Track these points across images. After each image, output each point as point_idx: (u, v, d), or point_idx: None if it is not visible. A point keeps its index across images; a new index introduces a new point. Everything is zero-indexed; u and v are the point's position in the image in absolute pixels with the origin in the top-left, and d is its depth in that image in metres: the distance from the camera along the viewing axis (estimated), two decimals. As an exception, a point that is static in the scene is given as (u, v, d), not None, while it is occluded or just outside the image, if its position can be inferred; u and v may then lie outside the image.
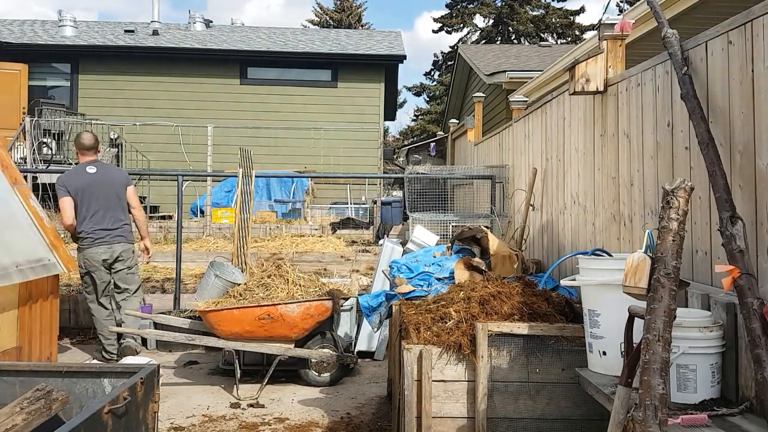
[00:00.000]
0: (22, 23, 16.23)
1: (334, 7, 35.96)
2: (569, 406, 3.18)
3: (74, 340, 6.59)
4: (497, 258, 4.14)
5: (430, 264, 4.56)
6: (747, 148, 2.43)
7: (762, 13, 2.32)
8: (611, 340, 2.74)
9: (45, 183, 11.15)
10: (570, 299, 3.53)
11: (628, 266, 2.28)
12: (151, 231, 10.18)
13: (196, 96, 13.92)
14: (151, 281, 7.40)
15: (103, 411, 2.20)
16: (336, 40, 16.08)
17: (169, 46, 14.25)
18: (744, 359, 2.34)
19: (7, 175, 4.75)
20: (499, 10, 31.81)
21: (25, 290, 4.56)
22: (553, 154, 4.91)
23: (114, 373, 2.72)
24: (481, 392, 3.16)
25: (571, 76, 3.95)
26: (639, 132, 3.36)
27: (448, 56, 33.14)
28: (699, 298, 2.61)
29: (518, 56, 14.73)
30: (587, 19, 41.27)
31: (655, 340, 2.04)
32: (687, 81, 2.67)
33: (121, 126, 13.13)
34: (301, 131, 13.49)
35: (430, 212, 7.37)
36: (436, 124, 30.18)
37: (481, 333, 3.15)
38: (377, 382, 5.31)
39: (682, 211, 2.14)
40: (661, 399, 1.97)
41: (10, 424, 2.35)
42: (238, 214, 6.49)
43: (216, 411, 4.57)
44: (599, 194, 3.92)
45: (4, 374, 2.71)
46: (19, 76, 13.20)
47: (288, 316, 4.87)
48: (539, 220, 5.29)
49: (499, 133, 7.38)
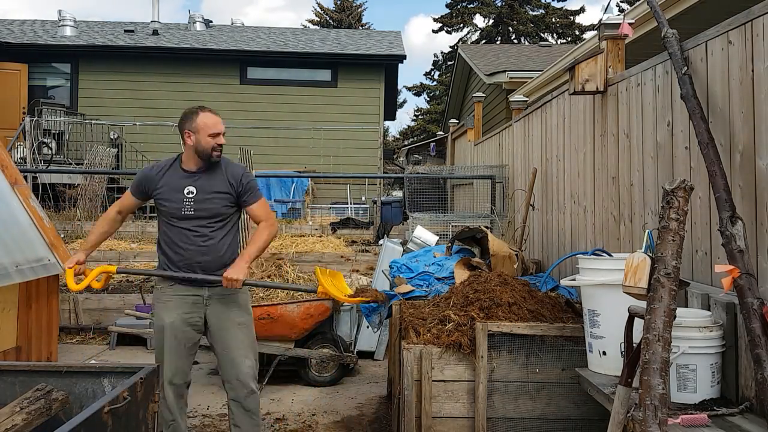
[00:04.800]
0: (22, 23, 16.22)
1: (334, 7, 35.96)
2: (569, 406, 3.18)
3: (74, 340, 6.59)
4: (497, 258, 4.13)
5: (430, 264, 4.56)
6: (747, 148, 2.43)
7: (762, 13, 2.32)
8: (611, 340, 2.75)
9: (45, 183, 11.16)
10: (570, 299, 3.53)
11: (628, 266, 2.28)
12: (151, 231, 10.21)
13: (196, 96, 13.89)
14: (151, 281, 7.39)
15: (103, 411, 2.20)
16: (336, 40, 16.08)
17: (169, 46, 14.24)
18: (744, 359, 2.34)
19: (7, 175, 4.75)
20: (499, 10, 31.79)
21: (25, 290, 4.56)
22: (553, 154, 4.91)
23: (114, 373, 2.72)
24: (481, 392, 3.16)
25: (571, 76, 3.95)
26: (639, 132, 3.36)
27: (448, 56, 33.13)
28: (699, 298, 2.61)
29: (518, 56, 14.72)
30: (587, 19, 41.29)
31: (655, 340, 2.04)
32: (687, 81, 2.67)
33: (121, 126, 13.12)
34: (301, 131, 13.49)
35: (430, 212, 7.38)
36: (436, 124, 30.17)
37: (480, 333, 3.15)
38: (377, 382, 5.31)
39: (682, 211, 2.14)
40: (661, 399, 1.97)
41: (10, 424, 2.35)
42: (238, 214, 6.48)
43: (216, 411, 4.57)
44: (599, 194, 3.92)
45: (4, 374, 2.71)
46: (19, 76, 13.19)
47: (288, 316, 4.87)
48: (539, 220, 5.29)
49: (499, 133, 7.38)
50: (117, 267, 3.51)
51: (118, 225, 3.57)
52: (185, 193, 3.26)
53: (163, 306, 3.30)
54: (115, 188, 12.48)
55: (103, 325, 6.58)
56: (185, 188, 3.27)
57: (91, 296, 6.81)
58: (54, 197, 10.92)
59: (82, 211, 10.39)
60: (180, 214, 3.26)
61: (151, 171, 3.37)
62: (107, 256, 8.37)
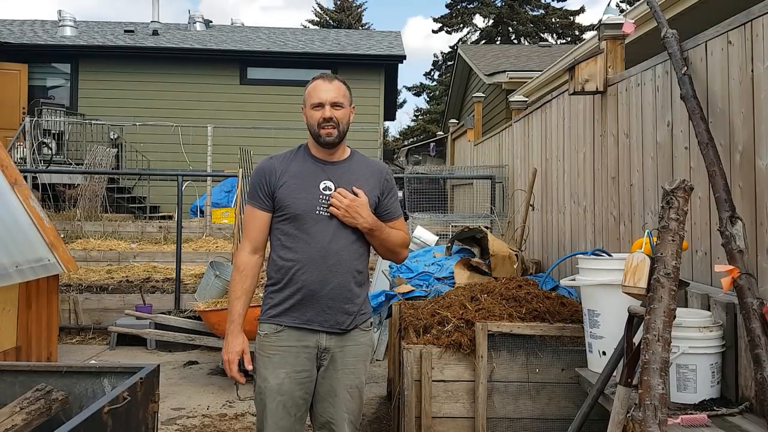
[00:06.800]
0: (22, 23, 16.22)
1: (334, 8, 35.96)
2: (569, 406, 3.18)
3: (74, 340, 6.59)
4: (497, 258, 4.13)
5: (430, 264, 4.56)
6: (747, 148, 2.43)
7: (762, 13, 2.32)
8: (611, 340, 2.74)
9: (45, 183, 11.16)
10: (570, 299, 3.53)
11: (628, 266, 2.28)
12: (150, 231, 10.21)
13: (196, 96, 13.91)
14: (151, 281, 7.40)
15: (103, 411, 2.19)
16: (336, 40, 16.08)
17: (169, 46, 14.23)
18: (744, 359, 2.34)
19: (7, 175, 4.75)
20: (499, 10, 31.78)
21: (24, 290, 4.56)
22: (552, 154, 4.91)
23: (114, 373, 2.72)
24: (481, 392, 3.16)
25: (570, 76, 3.95)
26: (639, 132, 3.36)
27: (448, 56, 33.13)
28: (699, 298, 2.61)
29: (518, 56, 14.72)
30: (587, 19, 41.25)
31: (654, 340, 2.04)
32: (687, 81, 2.67)
33: (121, 126, 13.11)
34: (301, 131, 13.45)
35: (429, 212, 7.38)
36: (436, 124, 30.16)
37: (480, 333, 3.15)
38: (377, 382, 5.31)
39: (681, 211, 2.15)
40: (661, 399, 1.97)
41: (10, 424, 2.35)
42: (238, 214, 6.49)
43: (216, 411, 4.57)
44: (599, 194, 3.92)
45: (4, 374, 2.71)
46: (19, 76, 13.19)
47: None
48: (539, 220, 5.29)
49: (499, 134, 7.38)
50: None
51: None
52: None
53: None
54: (114, 188, 12.48)
55: (103, 325, 6.58)
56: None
57: (91, 296, 6.82)
58: (54, 197, 10.93)
59: (82, 211, 10.39)
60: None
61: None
62: (107, 257, 8.38)
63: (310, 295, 2.33)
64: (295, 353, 2.35)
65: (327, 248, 2.33)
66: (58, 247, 4.88)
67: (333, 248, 2.33)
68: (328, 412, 2.39)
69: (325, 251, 2.32)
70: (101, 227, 9.90)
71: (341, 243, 2.34)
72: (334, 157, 2.45)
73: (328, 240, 2.33)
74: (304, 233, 2.33)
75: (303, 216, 2.34)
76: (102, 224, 10.02)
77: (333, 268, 2.33)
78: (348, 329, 2.38)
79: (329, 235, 2.33)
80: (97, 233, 9.65)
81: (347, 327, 2.37)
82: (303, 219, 2.34)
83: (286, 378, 2.34)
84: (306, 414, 2.43)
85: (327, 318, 2.34)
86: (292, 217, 2.35)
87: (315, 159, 2.45)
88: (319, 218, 2.34)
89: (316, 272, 2.32)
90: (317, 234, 2.33)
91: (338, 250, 2.34)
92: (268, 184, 2.39)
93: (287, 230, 2.37)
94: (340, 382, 2.39)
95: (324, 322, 2.35)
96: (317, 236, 2.33)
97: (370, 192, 2.40)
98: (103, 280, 7.31)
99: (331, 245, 2.33)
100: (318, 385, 2.40)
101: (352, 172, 2.43)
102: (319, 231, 2.33)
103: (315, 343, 2.36)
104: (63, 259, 4.87)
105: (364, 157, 2.56)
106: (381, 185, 2.45)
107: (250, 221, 2.42)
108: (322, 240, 2.33)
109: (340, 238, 2.34)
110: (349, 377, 2.39)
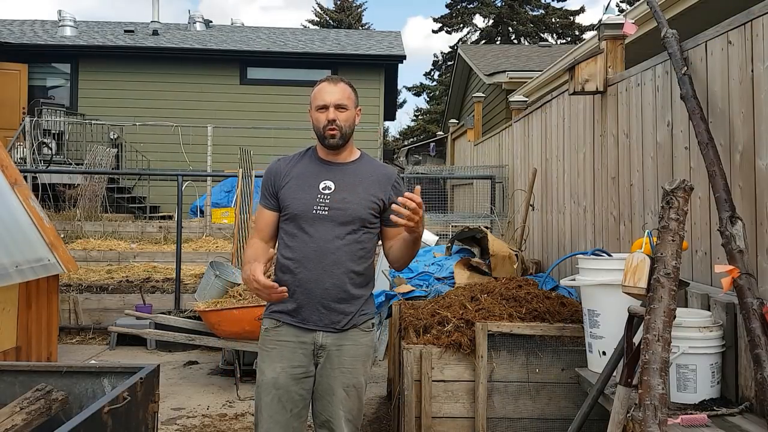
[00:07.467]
0: (21, 23, 16.22)
1: (334, 8, 35.96)
2: (569, 406, 3.18)
3: (74, 340, 6.59)
4: (497, 258, 4.13)
5: (430, 264, 4.56)
6: (747, 148, 2.43)
7: (762, 13, 2.32)
8: (611, 340, 2.74)
9: (45, 183, 11.16)
10: (570, 299, 3.53)
11: (628, 266, 2.28)
12: (150, 231, 10.21)
13: (196, 96, 13.91)
14: (151, 281, 7.40)
15: (103, 411, 2.20)
16: (336, 40, 16.08)
17: (169, 46, 14.23)
18: (744, 359, 2.34)
19: (7, 175, 4.75)
20: (499, 11, 31.79)
21: (24, 290, 4.56)
22: (552, 154, 4.91)
23: (114, 373, 2.72)
24: (481, 392, 3.16)
25: (570, 77, 3.96)
26: (639, 132, 3.36)
27: (448, 56, 33.13)
28: (699, 298, 2.61)
29: (518, 56, 14.73)
30: (587, 19, 41.27)
31: (654, 339, 2.04)
32: (687, 81, 2.67)
33: (121, 126, 13.11)
34: (301, 131, 13.48)
35: (429, 212, 7.37)
36: (436, 124, 30.16)
37: (480, 333, 3.15)
38: (377, 382, 5.31)
39: (681, 211, 2.15)
40: (661, 399, 1.97)
41: (10, 424, 2.35)
42: (238, 214, 6.49)
43: (216, 411, 4.57)
44: (599, 194, 3.92)
45: (4, 374, 2.71)
46: (19, 76, 13.19)
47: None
48: (539, 220, 5.29)
49: (499, 134, 7.38)
50: None
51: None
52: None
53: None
54: (114, 188, 12.48)
55: (103, 325, 6.58)
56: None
57: (91, 296, 6.82)
58: (54, 197, 10.93)
59: (82, 211, 10.39)
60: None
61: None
62: (107, 257, 8.39)
63: (306, 293, 2.35)
64: (291, 348, 2.38)
65: (324, 248, 2.34)
66: (58, 247, 4.88)
67: (330, 248, 2.34)
68: (327, 411, 2.41)
69: (322, 251, 2.34)
70: (101, 227, 9.90)
71: (339, 243, 2.35)
72: (340, 159, 2.47)
73: (325, 240, 2.34)
74: (303, 232, 2.37)
75: (301, 215, 2.37)
76: (102, 224, 10.02)
77: (328, 268, 2.34)
78: (344, 328, 2.38)
79: (327, 234, 2.35)
80: (97, 233, 9.65)
81: (343, 326, 2.38)
82: (301, 218, 2.37)
83: (282, 372, 2.37)
84: (305, 412, 2.45)
85: (321, 317, 2.36)
86: (291, 216, 2.39)
87: (320, 160, 2.48)
88: (317, 217, 2.35)
89: (312, 271, 2.34)
90: (315, 233, 2.35)
91: (335, 250, 2.34)
92: (274, 184, 2.47)
93: (289, 229, 2.41)
94: (337, 381, 2.39)
95: (319, 321, 2.37)
96: (315, 235, 2.35)
97: (372, 195, 2.41)
98: (103, 280, 7.31)
99: (328, 245, 2.34)
100: (317, 384, 2.42)
101: (356, 173, 2.44)
102: (316, 230, 2.35)
103: (311, 339, 2.38)
104: (63, 259, 4.87)
105: (374, 161, 2.57)
106: (389, 191, 2.44)
107: (259, 219, 2.51)
108: (320, 239, 2.35)
109: (339, 239, 2.35)
110: (346, 376, 2.40)
